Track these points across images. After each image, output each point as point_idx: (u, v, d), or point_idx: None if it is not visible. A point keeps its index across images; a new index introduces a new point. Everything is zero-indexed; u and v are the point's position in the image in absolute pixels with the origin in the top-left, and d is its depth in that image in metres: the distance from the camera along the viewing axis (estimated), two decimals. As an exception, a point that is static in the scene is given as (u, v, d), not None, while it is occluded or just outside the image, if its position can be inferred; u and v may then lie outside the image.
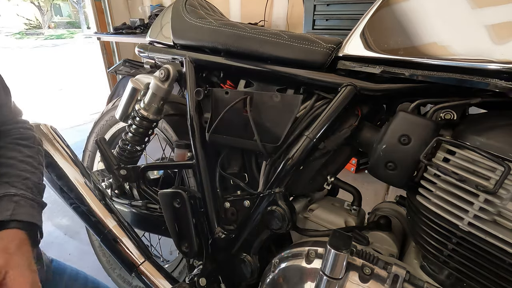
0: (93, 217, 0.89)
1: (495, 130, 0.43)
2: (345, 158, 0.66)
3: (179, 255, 1.17)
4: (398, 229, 0.66)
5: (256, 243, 0.69)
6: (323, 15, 1.74)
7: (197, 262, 0.79)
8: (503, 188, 0.39)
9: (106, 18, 3.26)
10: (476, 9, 0.42)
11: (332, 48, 0.59)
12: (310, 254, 0.56)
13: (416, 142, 0.48)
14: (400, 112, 0.50)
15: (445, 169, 0.44)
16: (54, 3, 24.14)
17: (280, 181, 0.64)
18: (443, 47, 0.45)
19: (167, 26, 0.81)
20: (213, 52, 0.74)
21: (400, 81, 0.52)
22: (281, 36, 0.64)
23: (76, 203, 0.88)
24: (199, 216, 0.76)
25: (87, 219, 0.90)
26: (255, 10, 2.50)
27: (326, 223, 0.67)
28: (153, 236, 1.26)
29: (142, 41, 0.94)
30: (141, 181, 1.03)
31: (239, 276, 0.73)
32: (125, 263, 0.87)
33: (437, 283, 0.49)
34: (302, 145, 0.60)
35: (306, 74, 0.61)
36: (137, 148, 0.94)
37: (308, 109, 0.62)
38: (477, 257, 0.42)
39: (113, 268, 1.26)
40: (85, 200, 0.90)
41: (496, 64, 0.40)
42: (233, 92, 0.68)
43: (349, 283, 0.49)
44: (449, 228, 0.44)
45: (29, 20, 21.62)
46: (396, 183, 0.51)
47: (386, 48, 0.50)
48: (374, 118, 0.64)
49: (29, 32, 19.31)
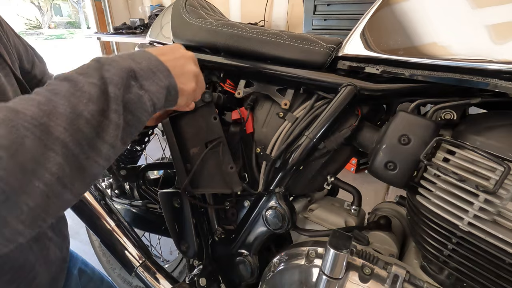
0: (93, 217, 0.89)
1: (495, 130, 0.43)
2: (345, 158, 0.66)
3: (179, 255, 1.17)
4: (398, 229, 0.66)
5: (256, 243, 0.69)
6: (323, 15, 1.74)
7: (197, 262, 0.79)
8: (503, 188, 0.39)
9: (106, 18, 3.27)
10: (476, 9, 0.42)
11: (332, 48, 0.59)
12: (310, 254, 0.56)
13: (416, 142, 0.48)
14: (400, 112, 0.50)
15: (445, 169, 0.44)
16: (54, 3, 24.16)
17: (280, 181, 0.65)
18: (443, 47, 0.45)
19: (167, 26, 0.81)
20: (213, 52, 0.74)
21: (400, 81, 0.52)
22: (281, 36, 0.64)
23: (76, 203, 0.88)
24: (199, 216, 0.76)
25: (87, 219, 0.90)
26: (255, 10, 2.50)
27: (326, 223, 0.67)
28: (153, 236, 1.26)
29: (142, 41, 0.94)
30: (141, 181, 1.03)
31: (239, 276, 0.73)
32: (125, 263, 0.87)
33: (437, 283, 0.49)
34: (302, 145, 0.60)
35: (306, 74, 0.61)
36: (137, 148, 0.94)
37: (308, 109, 0.62)
38: (477, 257, 0.42)
39: (113, 268, 1.26)
40: (85, 200, 0.90)
41: (496, 64, 0.40)
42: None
43: (349, 283, 0.49)
44: (449, 228, 0.44)
45: (29, 20, 21.66)
46: (396, 183, 0.51)
47: (386, 48, 0.50)
48: (374, 118, 0.64)
49: (29, 32, 19.34)
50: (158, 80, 0.41)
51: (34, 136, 0.28)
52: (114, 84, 0.35)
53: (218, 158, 0.64)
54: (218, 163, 0.65)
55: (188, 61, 0.48)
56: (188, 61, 0.48)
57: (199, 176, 0.67)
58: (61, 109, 0.31)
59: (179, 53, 0.48)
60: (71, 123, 0.31)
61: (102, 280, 0.77)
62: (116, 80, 0.36)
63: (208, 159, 0.65)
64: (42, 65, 0.68)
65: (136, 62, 0.40)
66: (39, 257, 0.54)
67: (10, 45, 0.55)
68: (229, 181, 0.65)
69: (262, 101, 0.71)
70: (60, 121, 0.30)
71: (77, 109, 0.32)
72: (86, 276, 0.72)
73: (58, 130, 0.29)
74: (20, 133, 0.27)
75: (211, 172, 0.66)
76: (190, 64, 0.48)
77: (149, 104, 0.39)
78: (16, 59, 0.57)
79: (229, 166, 0.64)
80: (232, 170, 0.64)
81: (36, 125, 0.28)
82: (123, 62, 0.38)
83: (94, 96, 0.33)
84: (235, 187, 0.65)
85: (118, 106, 0.35)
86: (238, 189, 0.65)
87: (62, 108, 0.31)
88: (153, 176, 1.18)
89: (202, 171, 0.66)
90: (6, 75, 0.48)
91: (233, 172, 0.64)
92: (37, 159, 0.28)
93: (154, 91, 0.40)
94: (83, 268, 0.73)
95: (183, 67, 0.46)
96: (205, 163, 0.66)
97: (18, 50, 0.59)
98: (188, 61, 0.48)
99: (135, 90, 0.38)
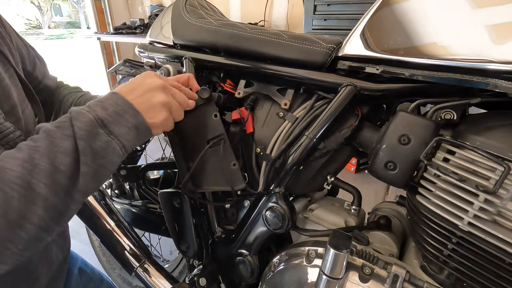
0: (93, 217, 0.89)
1: (495, 130, 0.43)
2: (345, 158, 0.66)
3: (179, 255, 1.17)
4: (398, 229, 0.66)
5: (256, 243, 0.69)
6: (323, 15, 1.74)
7: (197, 262, 0.79)
8: (503, 188, 0.39)
9: (106, 18, 3.26)
10: (476, 9, 0.42)
11: (332, 48, 0.59)
12: (310, 254, 0.56)
13: (416, 142, 0.48)
14: (400, 112, 0.50)
15: (445, 169, 0.44)
16: (54, 3, 24.16)
17: (280, 181, 0.65)
18: (443, 47, 0.45)
19: (167, 26, 0.81)
20: (213, 52, 0.74)
21: (400, 81, 0.52)
22: (281, 36, 0.64)
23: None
24: (199, 216, 0.76)
25: (87, 219, 0.90)
26: (255, 10, 2.50)
27: (326, 223, 0.67)
28: (153, 236, 1.26)
29: (142, 41, 0.94)
30: (141, 181, 1.03)
31: (239, 276, 0.73)
32: (125, 263, 0.87)
33: (437, 283, 0.49)
34: (302, 145, 0.60)
35: (306, 74, 0.61)
36: (137, 148, 0.94)
37: (308, 109, 0.62)
38: (477, 257, 0.42)
39: (113, 268, 1.27)
40: (85, 200, 0.90)
41: (496, 64, 0.40)
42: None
43: (349, 283, 0.49)
44: (449, 228, 0.44)
45: (29, 20, 21.66)
46: (396, 183, 0.51)
47: (386, 48, 0.50)
48: (374, 118, 0.64)
49: (29, 32, 19.34)
50: (125, 122, 0.43)
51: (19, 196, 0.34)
52: (80, 137, 0.39)
53: (220, 156, 0.64)
54: (220, 161, 0.64)
55: (155, 92, 0.48)
56: (155, 92, 0.48)
57: (201, 174, 0.66)
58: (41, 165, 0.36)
59: (147, 85, 0.48)
60: (49, 178, 0.36)
61: (102, 280, 0.77)
62: (82, 133, 0.39)
63: (210, 157, 0.65)
64: (42, 66, 0.68)
65: (104, 109, 0.43)
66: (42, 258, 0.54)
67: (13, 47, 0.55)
68: (231, 178, 0.64)
69: (262, 101, 0.71)
70: (41, 177, 0.35)
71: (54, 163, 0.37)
72: (86, 276, 0.72)
73: (39, 187, 0.35)
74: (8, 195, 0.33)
75: (213, 170, 0.65)
76: (157, 95, 0.48)
77: (119, 147, 0.42)
78: (19, 60, 0.57)
79: (231, 163, 0.64)
80: (235, 167, 0.64)
81: (21, 185, 0.34)
82: (90, 113, 0.41)
83: (67, 149, 0.38)
84: (238, 184, 0.64)
85: (87, 157, 0.39)
86: (242, 186, 0.64)
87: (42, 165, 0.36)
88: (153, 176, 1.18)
89: (204, 169, 0.66)
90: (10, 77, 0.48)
91: (235, 169, 0.64)
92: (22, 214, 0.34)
93: (123, 134, 0.43)
94: (83, 268, 0.73)
95: (150, 101, 0.47)
96: (207, 160, 0.65)
97: (21, 52, 0.59)
98: (155, 92, 0.48)
99: (104, 137, 0.41)
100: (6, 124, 0.45)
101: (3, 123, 0.44)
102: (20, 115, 0.48)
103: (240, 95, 0.70)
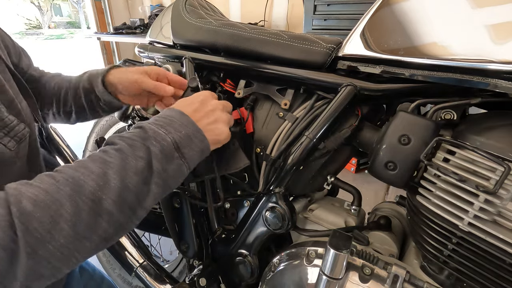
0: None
1: (495, 130, 0.43)
2: (345, 158, 0.66)
3: (179, 255, 1.17)
4: (398, 229, 0.66)
5: (256, 243, 0.69)
6: (323, 15, 1.74)
7: (197, 262, 0.79)
8: (503, 188, 0.39)
9: (106, 18, 3.26)
10: (476, 9, 0.42)
11: (332, 48, 0.59)
12: (310, 254, 0.56)
13: (416, 142, 0.48)
14: (400, 112, 0.50)
15: (445, 169, 0.44)
16: (54, 3, 24.17)
17: (280, 181, 0.65)
18: (443, 47, 0.45)
19: (167, 26, 0.81)
20: (213, 52, 0.74)
21: (400, 81, 0.52)
22: (281, 36, 0.64)
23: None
24: (199, 216, 0.76)
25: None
26: (255, 10, 2.49)
27: (326, 223, 0.67)
28: (153, 236, 1.26)
29: (142, 41, 0.94)
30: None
31: (239, 276, 0.73)
32: (125, 263, 0.87)
33: (437, 283, 0.48)
34: (302, 145, 0.60)
35: (306, 74, 0.61)
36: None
37: (308, 109, 0.62)
38: (477, 257, 0.42)
39: (113, 268, 1.26)
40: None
41: (496, 64, 0.40)
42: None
43: (349, 283, 0.49)
44: (449, 228, 0.44)
45: (29, 20, 21.66)
46: (396, 183, 0.51)
47: (386, 48, 0.50)
48: (374, 118, 0.64)
49: (29, 32, 19.34)
50: (194, 146, 0.45)
51: (89, 209, 0.35)
52: (158, 160, 0.41)
53: None
54: None
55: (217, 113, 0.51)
56: (217, 113, 0.51)
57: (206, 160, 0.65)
58: (112, 183, 0.37)
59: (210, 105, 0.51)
60: (118, 195, 0.38)
61: (103, 279, 0.77)
62: (160, 156, 0.41)
63: None
64: (27, 59, 0.68)
65: (177, 130, 0.44)
66: None
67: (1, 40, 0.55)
68: (235, 159, 0.63)
69: (262, 101, 0.71)
70: (111, 195, 0.37)
71: (125, 181, 0.38)
72: (87, 274, 0.72)
73: (108, 203, 0.37)
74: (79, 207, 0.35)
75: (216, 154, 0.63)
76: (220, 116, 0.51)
77: (186, 169, 0.45)
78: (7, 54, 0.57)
79: (230, 143, 0.61)
80: (234, 146, 0.62)
81: (92, 199, 0.36)
82: (167, 135, 0.43)
83: (139, 169, 0.39)
84: (241, 163, 0.62)
85: (159, 179, 0.41)
86: (246, 163, 0.62)
87: (113, 182, 0.37)
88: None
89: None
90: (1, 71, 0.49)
91: (236, 147, 0.63)
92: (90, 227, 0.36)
93: (191, 156, 0.45)
94: (84, 266, 0.73)
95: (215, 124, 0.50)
96: None
97: (6, 45, 0.59)
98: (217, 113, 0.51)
99: (177, 161, 0.43)
100: (10, 117, 0.45)
101: (8, 116, 0.45)
102: (19, 108, 0.49)
103: (240, 95, 0.70)
